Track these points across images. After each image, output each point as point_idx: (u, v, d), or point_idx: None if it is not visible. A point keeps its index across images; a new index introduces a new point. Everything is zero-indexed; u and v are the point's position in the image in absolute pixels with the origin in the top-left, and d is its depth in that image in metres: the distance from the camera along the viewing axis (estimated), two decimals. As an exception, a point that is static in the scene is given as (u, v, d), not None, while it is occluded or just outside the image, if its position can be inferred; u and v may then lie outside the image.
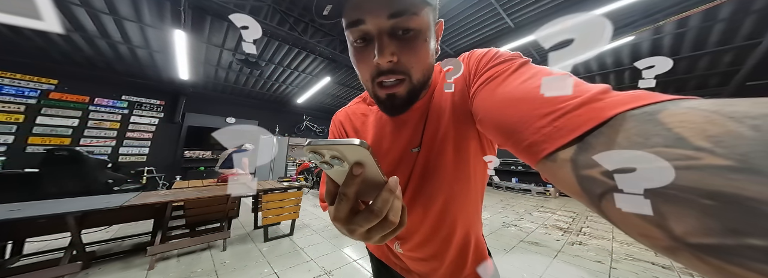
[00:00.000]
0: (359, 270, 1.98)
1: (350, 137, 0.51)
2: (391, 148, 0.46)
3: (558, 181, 0.20)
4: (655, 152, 0.13)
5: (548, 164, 0.20)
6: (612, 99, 0.18)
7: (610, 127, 0.17)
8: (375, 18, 0.31)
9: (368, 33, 0.33)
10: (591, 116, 0.18)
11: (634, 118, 0.16)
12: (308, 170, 5.77)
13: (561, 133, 0.19)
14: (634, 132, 0.15)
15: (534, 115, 0.22)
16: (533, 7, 3.00)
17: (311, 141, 0.20)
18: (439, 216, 0.47)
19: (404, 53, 0.33)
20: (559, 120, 0.20)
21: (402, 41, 0.32)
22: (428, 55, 0.35)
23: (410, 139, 0.44)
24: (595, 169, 0.16)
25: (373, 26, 0.32)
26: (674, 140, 0.13)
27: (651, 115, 0.15)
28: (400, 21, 0.31)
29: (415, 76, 0.35)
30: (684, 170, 0.12)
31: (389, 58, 0.32)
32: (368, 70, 0.35)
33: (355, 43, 0.35)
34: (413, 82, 0.35)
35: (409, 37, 0.32)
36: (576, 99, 0.20)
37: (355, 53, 0.36)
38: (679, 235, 0.12)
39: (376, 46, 0.32)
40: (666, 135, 0.14)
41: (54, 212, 1.50)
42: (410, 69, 0.34)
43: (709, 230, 0.11)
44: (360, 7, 0.31)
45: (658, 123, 0.14)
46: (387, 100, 0.37)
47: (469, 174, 0.43)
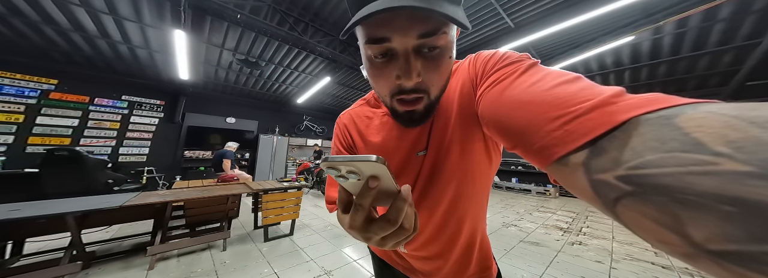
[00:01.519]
0: (359, 270, 1.98)
1: (355, 140, 0.52)
2: (397, 151, 0.46)
3: (570, 185, 0.20)
4: (672, 157, 0.13)
5: (559, 168, 0.20)
6: (626, 102, 0.18)
7: (624, 131, 0.16)
8: (404, 37, 0.29)
9: (392, 51, 0.31)
10: (604, 120, 0.18)
11: (649, 122, 0.16)
12: (308, 170, 5.76)
13: (572, 136, 0.19)
14: (649, 136, 0.15)
15: (544, 118, 0.21)
16: (533, 7, 2.99)
17: (328, 157, 0.21)
18: (445, 217, 0.47)
19: (428, 72, 0.32)
20: (570, 123, 0.19)
21: (427, 59, 0.31)
22: (449, 71, 0.35)
23: (416, 142, 0.44)
24: (609, 174, 0.16)
25: (400, 45, 0.30)
26: (692, 145, 0.13)
27: (668, 119, 0.15)
28: (430, 40, 0.29)
29: (434, 93, 0.34)
30: (702, 176, 0.12)
31: (416, 80, 0.31)
32: (388, 86, 0.34)
33: (375, 58, 0.32)
34: (431, 99, 0.35)
35: (434, 55, 0.31)
36: (588, 102, 0.19)
37: (374, 69, 0.34)
38: (698, 242, 0.12)
39: (401, 66, 0.31)
40: (683, 140, 0.13)
41: (54, 212, 1.50)
42: (430, 87, 0.33)
43: (729, 237, 0.10)
44: (388, 24, 0.28)
45: (675, 127, 0.14)
46: (405, 114, 0.37)
47: (475, 176, 0.43)
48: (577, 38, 3.61)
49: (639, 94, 0.18)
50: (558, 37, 3.52)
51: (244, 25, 3.31)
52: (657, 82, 4.54)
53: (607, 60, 4.25)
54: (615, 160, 0.16)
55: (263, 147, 6.58)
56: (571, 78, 0.24)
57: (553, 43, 3.76)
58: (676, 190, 0.12)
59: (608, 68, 4.46)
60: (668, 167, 0.13)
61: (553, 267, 2.08)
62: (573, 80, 0.24)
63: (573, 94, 0.21)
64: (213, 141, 5.87)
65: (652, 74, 4.44)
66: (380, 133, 0.48)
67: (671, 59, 3.90)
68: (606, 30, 3.35)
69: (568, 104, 0.20)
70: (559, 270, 2.05)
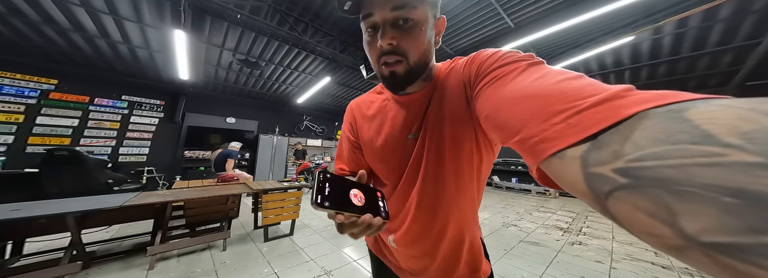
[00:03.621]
0: (359, 270, 1.98)
1: (357, 121, 0.60)
2: (391, 133, 0.51)
3: (561, 179, 0.19)
4: (678, 149, 0.13)
5: (554, 162, 0.19)
6: (635, 96, 0.17)
7: (629, 125, 0.16)
8: (381, 11, 0.37)
9: (376, 23, 0.39)
10: (610, 113, 0.17)
11: (657, 115, 0.15)
12: (308, 170, 5.77)
13: (575, 130, 0.18)
14: (656, 129, 0.14)
15: (547, 111, 0.21)
16: (533, 7, 2.99)
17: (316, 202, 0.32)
18: (431, 211, 0.48)
19: (403, 39, 0.38)
20: (574, 117, 0.19)
21: (402, 29, 0.38)
22: (424, 42, 0.40)
23: (409, 124, 0.48)
24: (606, 166, 0.15)
25: (380, 17, 0.38)
26: (701, 137, 0.12)
27: (677, 112, 0.14)
28: (402, 13, 0.37)
29: (412, 58, 0.40)
30: (707, 167, 0.11)
31: (389, 41, 0.38)
32: (375, 52, 0.41)
33: (367, 31, 0.41)
34: (410, 64, 0.40)
35: (408, 26, 0.38)
36: (594, 96, 0.19)
37: (366, 40, 0.42)
38: (690, 234, 0.11)
39: (381, 33, 0.38)
40: (692, 132, 0.13)
41: (54, 212, 1.50)
42: (407, 51, 0.39)
43: (726, 228, 0.10)
44: (371, 2, 0.38)
45: (684, 120, 0.14)
46: (390, 77, 0.42)
47: (463, 171, 0.45)
48: (577, 38, 3.61)
49: (650, 90, 0.18)
50: (558, 37, 3.52)
51: (244, 25, 3.31)
52: (657, 82, 4.54)
53: (607, 60, 4.24)
54: (615, 153, 0.15)
55: (263, 148, 6.57)
56: (576, 75, 0.24)
57: (554, 43, 3.76)
58: (676, 182, 0.12)
59: (608, 68, 4.46)
60: (672, 159, 0.13)
61: (553, 267, 2.08)
62: (578, 77, 0.24)
63: (579, 89, 0.21)
64: (213, 141, 5.86)
65: (652, 74, 4.44)
66: (378, 111, 0.55)
67: (671, 59, 3.90)
68: (606, 30, 3.35)
69: (574, 98, 0.20)
70: (559, 270, 2.05)
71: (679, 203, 0.12)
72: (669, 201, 0.12)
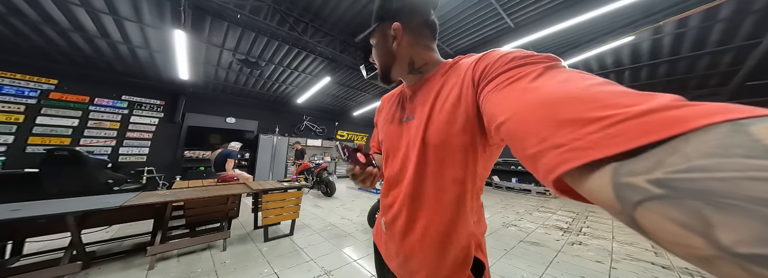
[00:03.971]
0: (359, 270, 1.98)
1: (383, 108, 0.75)
2: (393, 118, 0.62)
3: (584, 188, 0.19)
4: (730, 162, 0.12)
5: (581, 172, 0.18)
6: (696, 108, 0.16)
7: (686, 138, 0.15)
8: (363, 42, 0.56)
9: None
10: (664, 125, 0.16)
11: (718, 130, 0.14)
12: (308, 170, 5.76)
13: (616, 140, 0.17)
14: (713, 144, 0.13)
15: (578, 118, 0.20)
16: (533, 7, 2.99)
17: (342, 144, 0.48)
18: (415, 198, 0.51)
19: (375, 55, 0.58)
20: (615, 126, 0.17)
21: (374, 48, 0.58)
22: (383, 54, 0.56)
23: (403, 109, 0.59)
24: (641, 177, 0.15)
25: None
26: (761, 151, 0.11)
27: (741, 126, 0.13)
28: (369, 44, 0.58)
29: (380, 67, 0.58)
30: (760, 181, 0.11)
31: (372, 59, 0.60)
32: None
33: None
34: (381, 70, 0.58)
35: (374, 47, 0.58)
36: (639, 106, 0.18)
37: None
38: (725, 245, 0.11)
39: None
40: (752, 146, 0.12)
41: (54, 212, 1.50)
42: (375, 63, 0.60)
43: (764, 240, 0.10)
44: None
45: (746, 134, 0.13)
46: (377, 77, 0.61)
47: (445, 165, 0.46)
48: (577, 38, 3.61)
49: (705, 103, 0.16)
50: (558, 37, 3.52)
51: (244, 25, 3.31)
52: (657, 82, 4.55)
53: (607, 60, 4.25)
54: (656, 164, 0.15)
55: (263, 148, 6.57)
56: (603, 81, 0.23)
57: (553, 43, 3.76)
58: (719, 195, 0.12)
59: (608, 68, 4.46)
60: (722, 172, 0.12)
61: (553, 267, 2.08)
62: (606, 83, 0.22)
63: (614, 96, 0.20)
64: (213, 141, 5.86)
65: (652, 74, 4.44)
66: (389, 100, 0.69)
67: (671, 59, 3.90)
68: (606, 30, 3.35)
69: (610, 106, 0.19)
70: (559, 270, 2.05)
71: (717, 215, 0.11)
72: (707, 213, 0.12)
